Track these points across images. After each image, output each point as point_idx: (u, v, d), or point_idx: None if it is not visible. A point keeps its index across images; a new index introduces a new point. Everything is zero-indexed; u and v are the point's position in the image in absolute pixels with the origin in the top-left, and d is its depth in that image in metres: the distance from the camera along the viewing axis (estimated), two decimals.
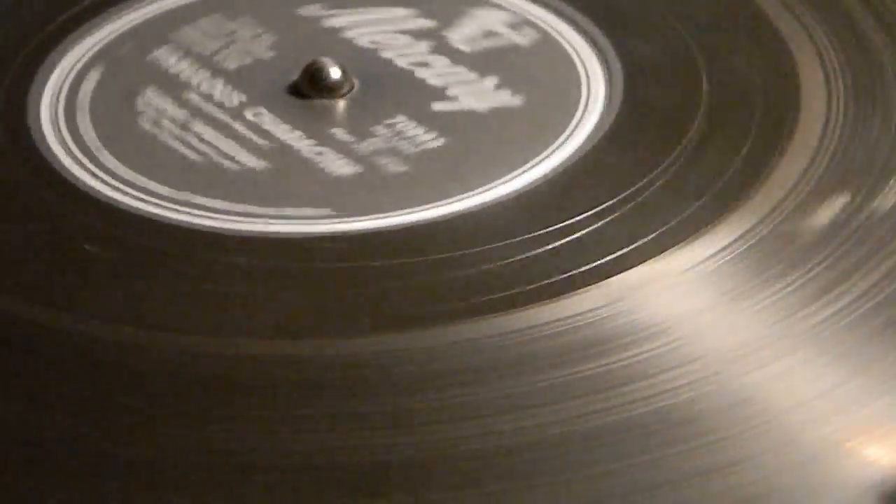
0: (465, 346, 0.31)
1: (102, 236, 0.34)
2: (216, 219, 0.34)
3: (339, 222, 0.34)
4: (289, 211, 0.34)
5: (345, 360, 0.31)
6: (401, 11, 0.40)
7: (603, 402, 0.30)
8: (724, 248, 0.33)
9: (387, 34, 0.39)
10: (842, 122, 0.36)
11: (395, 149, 0.35)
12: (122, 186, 0.35)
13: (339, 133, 0.36)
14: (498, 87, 0.38)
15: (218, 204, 0.34)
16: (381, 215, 0.34)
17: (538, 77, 0.38)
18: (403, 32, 0.39)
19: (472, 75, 0.38)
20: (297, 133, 0.36)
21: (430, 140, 0.36)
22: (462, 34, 0.39)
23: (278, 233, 0.34)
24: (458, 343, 0.31)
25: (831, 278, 0.32)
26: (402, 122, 0.37)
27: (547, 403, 0.30)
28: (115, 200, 0.35)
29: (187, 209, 0.34)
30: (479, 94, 0.38)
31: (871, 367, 0.31)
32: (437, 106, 0.37)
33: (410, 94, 0.38)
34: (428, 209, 0.34)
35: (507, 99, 0.38)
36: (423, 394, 0.30)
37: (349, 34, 0.39)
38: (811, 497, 0.28)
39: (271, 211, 0.34)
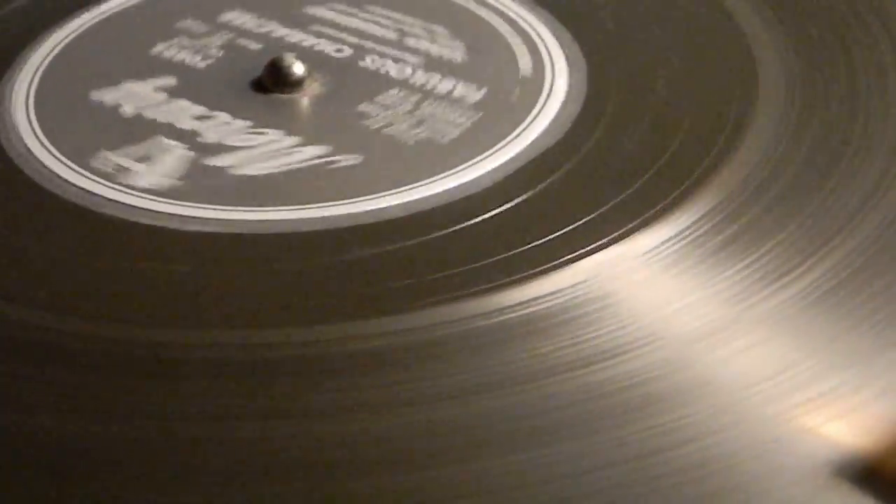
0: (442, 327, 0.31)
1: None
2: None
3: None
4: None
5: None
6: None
7: (560, 385, 0.30)
8: (684, 231, 0.34)
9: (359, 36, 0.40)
10: (798, 111, 0.37)
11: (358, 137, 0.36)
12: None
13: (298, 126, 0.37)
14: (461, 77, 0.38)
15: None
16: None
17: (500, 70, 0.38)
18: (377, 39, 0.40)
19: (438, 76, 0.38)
20: (263, 128, 0.37)
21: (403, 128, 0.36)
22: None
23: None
24: (436, 325, 0.31)
25: (788, 263, 0.33)
26: (362, 111, 0.37)
27: (517, 382, 0.30)
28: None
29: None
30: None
31: (825, 347, 0.32)
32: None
33: (370, 85, 0.38)
34: (382, 198, 0.34)
35: (470, 92, 0.38)
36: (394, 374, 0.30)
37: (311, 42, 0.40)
38: (767, 472, 0.29)
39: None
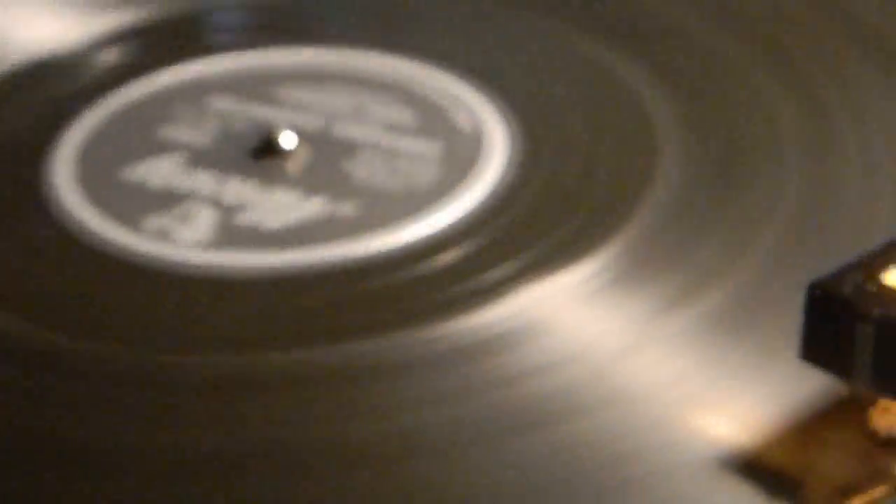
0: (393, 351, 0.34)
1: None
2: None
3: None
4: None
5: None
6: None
7: (499, 393, 0.33)
8: (604, 267, 0.36)
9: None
10: (693, 164, 0.39)
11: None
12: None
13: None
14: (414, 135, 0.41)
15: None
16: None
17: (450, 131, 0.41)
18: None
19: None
20: (271, 188, 0.39)
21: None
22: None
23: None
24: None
25: (688, 292, 0.36)
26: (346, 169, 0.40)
27: (453, 399, 0.33)
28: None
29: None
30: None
31: (717, 361, 0.34)
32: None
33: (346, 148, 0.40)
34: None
35: (423, 147, 0.41)
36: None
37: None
38: (664, 467, 0.31)
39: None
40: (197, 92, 0.43)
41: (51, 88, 0.43)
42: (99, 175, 0.40)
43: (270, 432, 0.32)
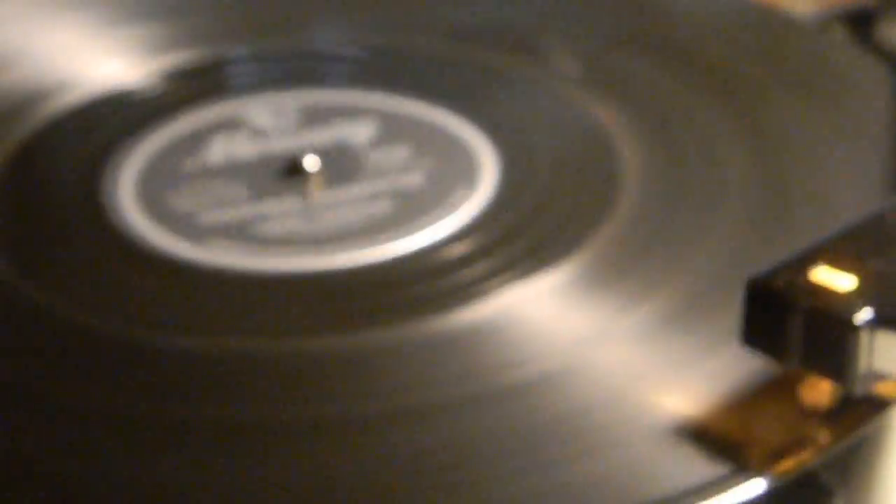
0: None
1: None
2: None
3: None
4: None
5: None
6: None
7: (477, 383, 0.35)
8: (572, 273, 0.38)
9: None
10: (653, 195, 0.41)
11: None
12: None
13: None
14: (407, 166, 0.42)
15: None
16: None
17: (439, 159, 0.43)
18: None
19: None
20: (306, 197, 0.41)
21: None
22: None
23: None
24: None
25: (642, 297, 0.37)
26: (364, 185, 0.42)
27: (447, 380, 0.35)
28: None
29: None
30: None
31: (665, 348, 0.36)
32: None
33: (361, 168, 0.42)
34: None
35: (425, 169, 0.43)
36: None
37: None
38: (626, 436, 0.33)
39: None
40: (234, 122, 0.45)
41: (116, 117, 0.46)
42: (154, 191, 0.42)
43: (296, 404, 0.35)
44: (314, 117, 0.45)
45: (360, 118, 0.45)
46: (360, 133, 0.45)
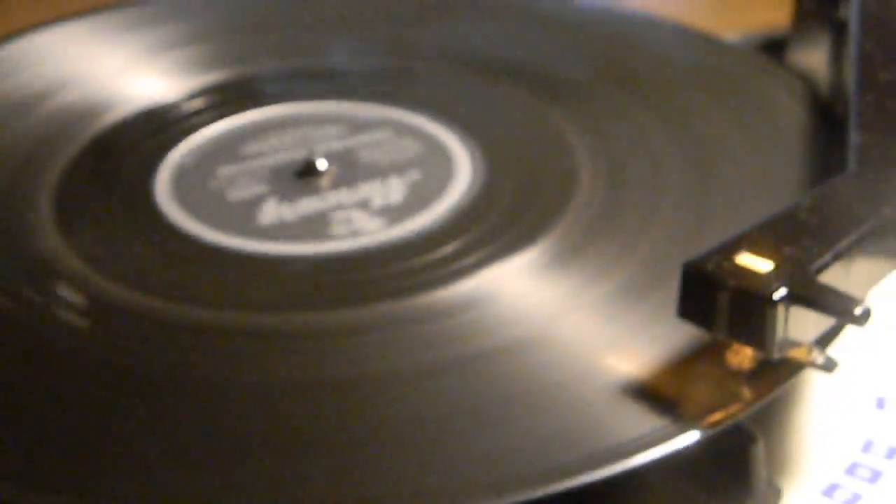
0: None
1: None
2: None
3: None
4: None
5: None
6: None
7: (465, 346, 0.37)
8: (540, 255, 0.40)
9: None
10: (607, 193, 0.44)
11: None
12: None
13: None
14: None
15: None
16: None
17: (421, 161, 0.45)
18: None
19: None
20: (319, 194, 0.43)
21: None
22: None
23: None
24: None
25: (598, 271, 0.40)
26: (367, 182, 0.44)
27: (433, 345, 0.37)
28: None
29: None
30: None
31: (620, 317, 0.38)
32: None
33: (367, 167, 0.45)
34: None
35: (414, 170, 0.45)
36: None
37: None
38: (582, 392, 0.35)
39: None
40: (258, 131, 0.48)
41: (157, 127, 0.48)
42: (190, 190, 0.45)
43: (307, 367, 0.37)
44: (322, 124, 0.48)
45: (365, 125, 0.48)
46: (363, 138, 0.47)
